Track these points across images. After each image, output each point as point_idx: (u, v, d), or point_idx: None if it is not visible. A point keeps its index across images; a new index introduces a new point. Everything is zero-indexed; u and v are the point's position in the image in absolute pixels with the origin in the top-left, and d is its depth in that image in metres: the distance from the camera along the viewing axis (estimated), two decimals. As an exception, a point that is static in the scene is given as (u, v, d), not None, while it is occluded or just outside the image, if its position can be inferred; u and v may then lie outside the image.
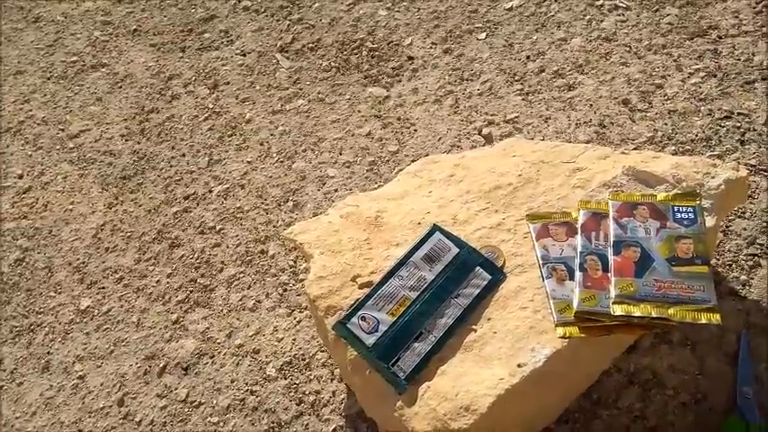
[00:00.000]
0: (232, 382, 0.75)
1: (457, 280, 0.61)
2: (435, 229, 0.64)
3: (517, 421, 0.60)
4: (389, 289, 0.60)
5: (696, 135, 0.88)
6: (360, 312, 0.60)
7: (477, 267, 0.61)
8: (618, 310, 0.56)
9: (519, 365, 0.56)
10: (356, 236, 0.67)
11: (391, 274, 0.61)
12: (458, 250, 0.62)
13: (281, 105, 1.04)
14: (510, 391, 0.55)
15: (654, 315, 0.55)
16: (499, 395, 0.54)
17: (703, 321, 0.54)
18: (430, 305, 0.59)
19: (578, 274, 0.60)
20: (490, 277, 0.61)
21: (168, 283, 0.86)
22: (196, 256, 0.88)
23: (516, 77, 1.01)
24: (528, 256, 0.64)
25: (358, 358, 0.59)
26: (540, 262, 0.62)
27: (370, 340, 0.58)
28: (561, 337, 0.56)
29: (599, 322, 0.57)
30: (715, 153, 0.85)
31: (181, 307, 0.83)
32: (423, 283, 0.61)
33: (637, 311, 0.55)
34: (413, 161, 0.85)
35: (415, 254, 0.62)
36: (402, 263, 0.62)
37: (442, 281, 0.61)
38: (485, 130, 0.94)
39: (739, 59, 0.97)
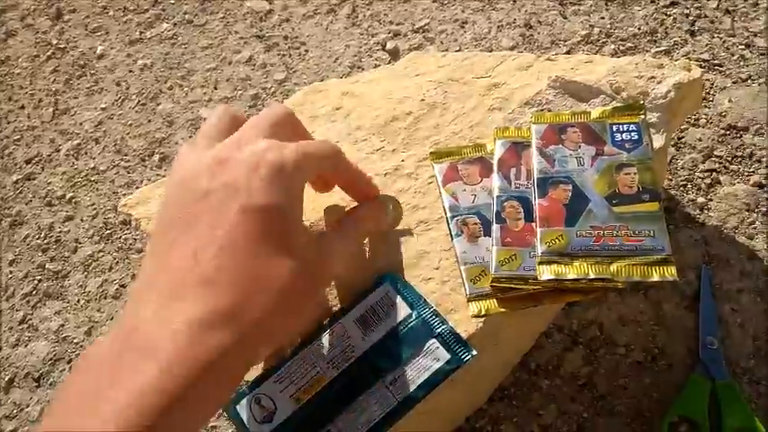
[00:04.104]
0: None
1: (398, 356, 0.40)
2: (387, 278, 0.43)
3: (435, 419, 0.47)
4: (302, 361, 0.41)
5: (639, 29, 0.73)
6: (256, 392, 0.40)
7: (432, 341, 0.40)
8: (546, 273, 0.42)
9: (423, 359, 0.42)
10: (211, 202, 0.51)
11: (310, 339, 0.41)
12: (408, 312, 0.41)
13: (141, 33, 0.84)
14: (413, 393, 0.41)
15: (592, 276, 0.42)
16: (399, 401, 0.41)
17: (655, 278, 0.41)
18: (351, 390, 0.40)
19: (495, 228, 0.46)
20: (449, 356, 0.40)
21: (11, 272, 0.69)
22: (43, 234, 0.71)
23: (425, -26, 0.83)
24: (433, 208, 0.49)
25: None
26: (448, 215, 0.48)
27: None
28: (475, 316, 0.43)
29: (523, 290, 0.43)
30: (662, 48, 0.70)
31: (28, 301, 0.67)
32: (349, 356, 0.41)
33: (570, 273, 0.42)
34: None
35: (349, 313, 0.42)
36: (329, 324, 0.42)
37: (375, 356, 0.40)
38: (389, 44, 0.78)
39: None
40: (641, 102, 0.50)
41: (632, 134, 0.48)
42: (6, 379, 0.63)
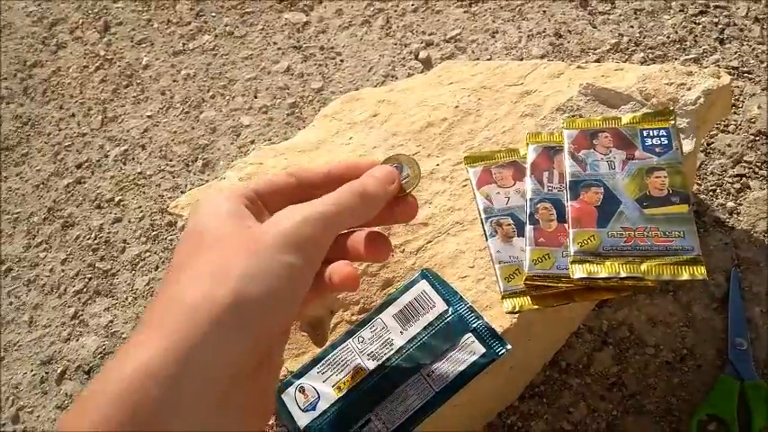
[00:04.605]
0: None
1: (435, 350, 0.43)
2: (424, 275, 0.46)
3: (469, 413, 0.49)
4: (343, 353, 0.44)
5: (668, 37, 0.74)
6: (300, 381, 0.44)
7: (468, 335, 0.43)
8: (579, 272, 0.44)
9: (459, 353, 0.44)
10: (257, 203, 0.54)
11: (351, 333, 0.44)
12: (445, 307, 0.44)
13: (184, 44, 0.88)
14: (450, 385, 0.43)
15: (623, 274, 0.43)
16: (437, 393, 0.43)
17: (685, 277, 0.43)
18: (390, 381, 0.42)
19: (528, 229, 0.48)
20: (484, 350, 0.42)
21: (63, 270, 0.73)
22: (93, 235, 0.75)
23: (456, -14, 0.86)
24: (468, 210, 0.51)
25: None
26: (483, 216, 0.50)
27: (302, 421, 0.42)
28: (509, 312, 0.45)
29: (556, 288, 0.45)
30: (690, 56, 0.71)
31: (79, 298, 0.71)
32: (388, 349, 0.43)
33: (602, 272, 0.44)
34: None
35: (388, 308, 0.45)
36: (369, 318, 0.45)
37: (413, 349, 0.43)
38: (422, 54, 0.80)
39: (714, -59, 0.82)
40: (671, 108, 0.51)
41: (662, 139, 0.49)
42: (59, 371, 0.66)
